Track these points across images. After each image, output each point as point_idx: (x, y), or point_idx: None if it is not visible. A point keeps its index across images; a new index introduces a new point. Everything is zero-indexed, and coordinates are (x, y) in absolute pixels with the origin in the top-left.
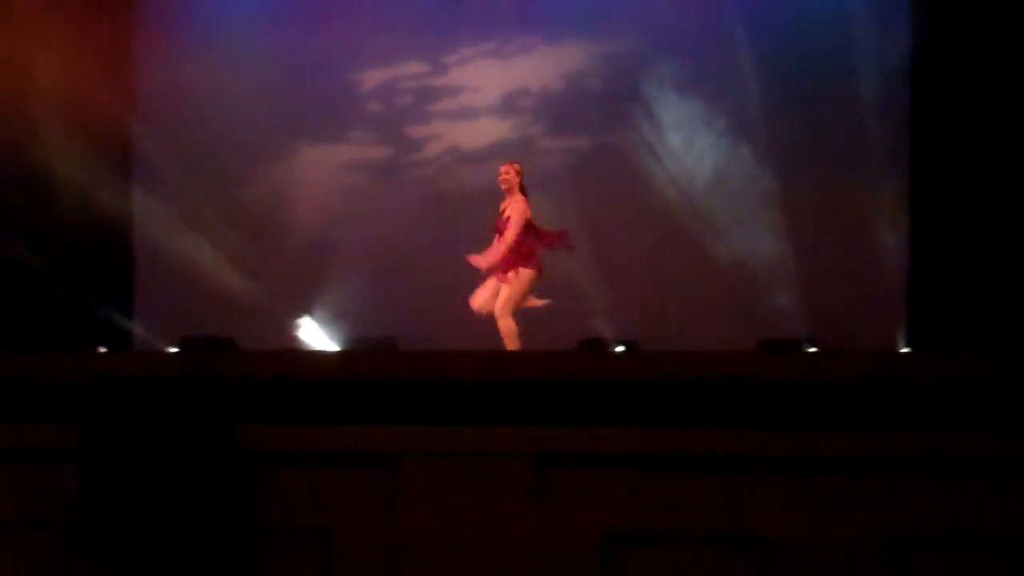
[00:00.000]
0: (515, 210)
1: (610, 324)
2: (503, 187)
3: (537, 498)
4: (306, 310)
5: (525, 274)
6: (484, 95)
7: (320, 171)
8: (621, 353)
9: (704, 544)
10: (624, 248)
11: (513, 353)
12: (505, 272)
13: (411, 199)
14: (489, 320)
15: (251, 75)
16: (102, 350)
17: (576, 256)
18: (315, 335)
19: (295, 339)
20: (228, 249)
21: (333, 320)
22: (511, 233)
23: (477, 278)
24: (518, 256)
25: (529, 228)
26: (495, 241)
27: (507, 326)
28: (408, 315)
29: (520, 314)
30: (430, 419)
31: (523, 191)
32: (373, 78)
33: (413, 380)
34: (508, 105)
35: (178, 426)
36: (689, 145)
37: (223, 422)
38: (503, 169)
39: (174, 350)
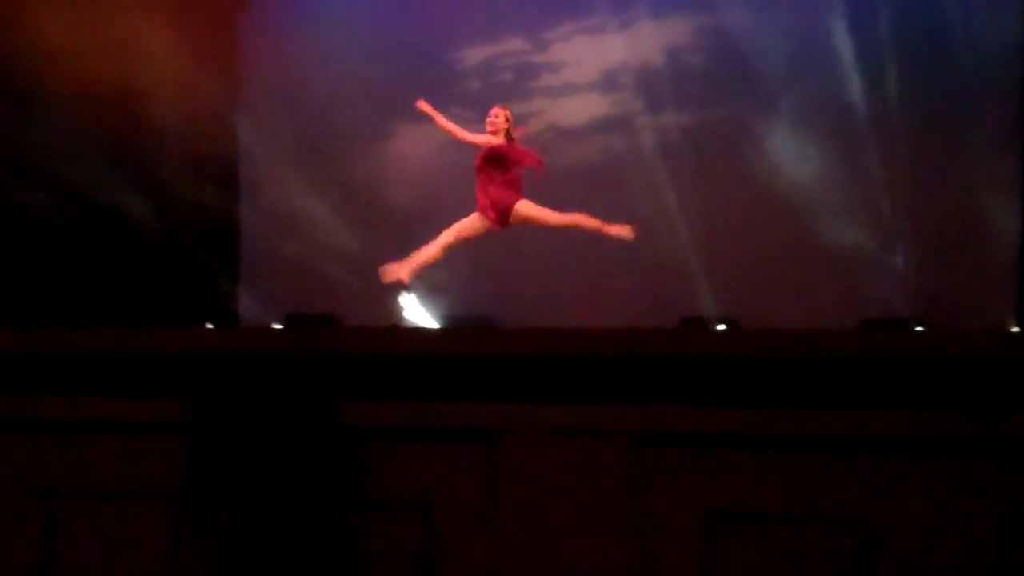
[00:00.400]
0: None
1: (712, 302)
2: (489, 129)
3: (636, 477)
4: (407, 288)
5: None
6: (585, 71)
7: (421, 150)
8: (723, 331)
9: (808, 525)
10: (726, 226)
11: (613, 331)
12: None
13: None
14: (584, 297)
15: (353, 55)
16: (209, 327)
17: (677, 233)
18: (416, 313)
19: (396, 317)
20: (331, 227)
21: (433, 298)
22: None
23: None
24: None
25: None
26: (481, 182)
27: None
28: (506, 293)
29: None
30: (528, 397)
31: (509, 139)
32: (474, 56)
33: (512, 358)
34: (609, 81)
35: (283, 401)
36: (794, 122)
37: (327, 398)
38: (494, 112)
39: (279, 327)
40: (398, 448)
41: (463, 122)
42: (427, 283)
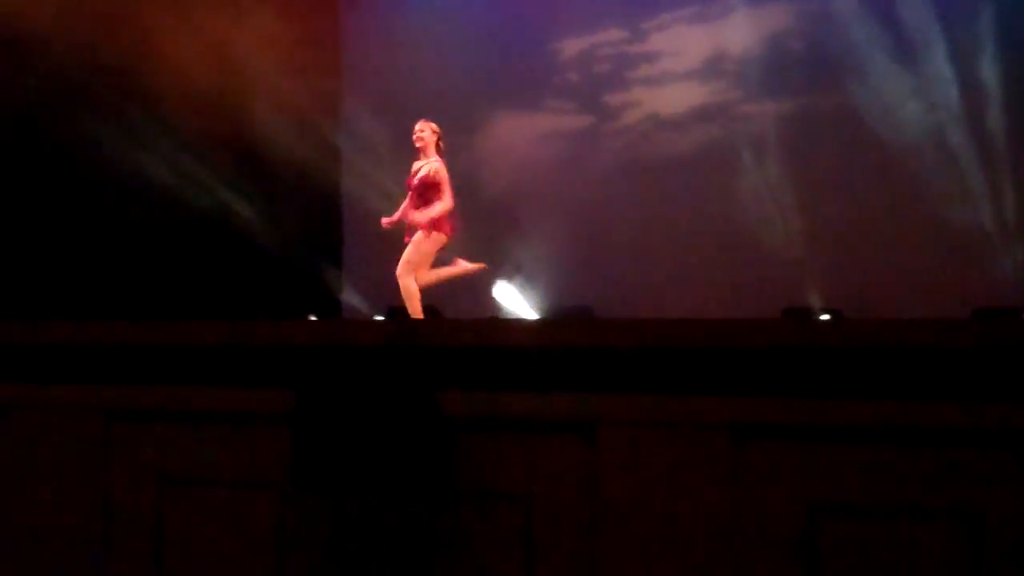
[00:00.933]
0: (438, 173)
1: (815, 292)
2: (417, 144)
3: (737, 470)
4: (507, 279)
5: (436, 238)
6: (684, 60)
7: (520, 141)
8: (826, 322)
9: (913, 519)
10: (829, 214)
11: (715, 322)
12: (417, 232)
13: (610, 167)
14: (685, 287)
15: (454, 47)
16: (313, 318)
17: (778, 222)
18: (515, 304)
19: (496, 308)
20: None
21: (533, 289)
22: (448, 195)
23: (667, 245)
24: (433, 220)
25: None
26: (408, 200)
27: (407, 286)
28: (606, 283)
29: (708, 282)
30: (629, 387)
31: (439, 152)
32: (572, 47)
33: (612, 348)
34: (708, 69)
35: (384, 391)
36: (899, 107)
37: (428, 388)
38: (418, 127)
39: (381, 318)
40: (498, 439)
41: (561, 114)
42: (528, 274)
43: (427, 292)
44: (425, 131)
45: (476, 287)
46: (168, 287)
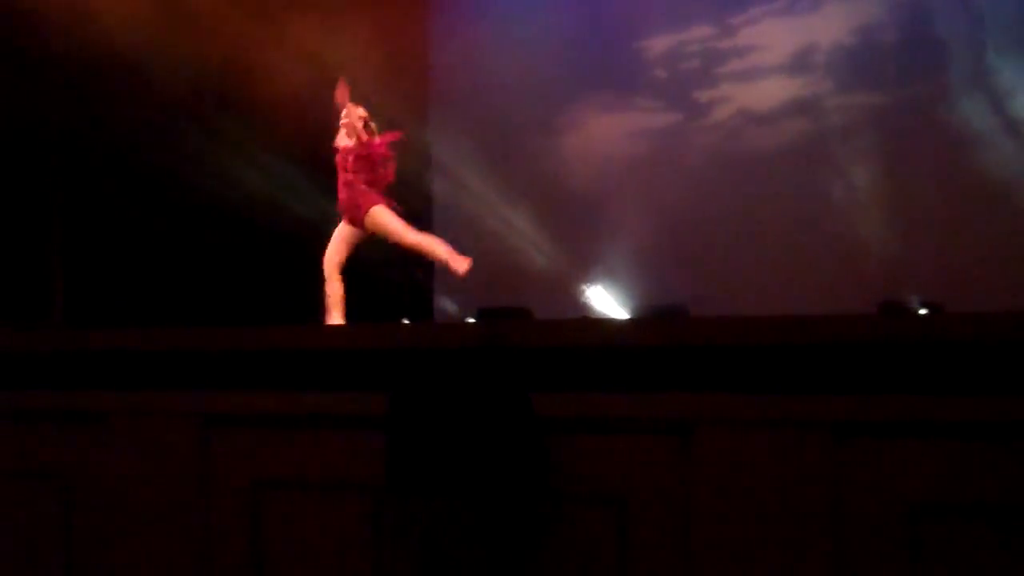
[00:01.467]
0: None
1: (913, 286)
2: (344, 130)
3: (836, 469)
4: (597, 278)
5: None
6: (773, 54)
7: (608, 140)
8: (925, 316)
9: (1019, 518)
10: (926, 207)
11: (810, 318)
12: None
13: (701, 164)
14: (779, 284)
15: (540, 48)
16: (405, 321)
17: (873, 216)
18: (607, 303)
19: (587, 307)
20: (521, 221)
21: (624, 288)
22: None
23: (762, 241)
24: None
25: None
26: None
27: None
28: (699, 281)
29: (803, 278)
30: (724, 387)
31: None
32: (659, 44)
33: (707, 347)
34: (798, 63)
35: (477, 394)
36: (997, 96)
37: (520, 390)
38: (345, 111)
39: (472, 320)
40: (592, 440)
41: (650, 112)
42: (620, 272)
43: (514, 291)
44: (352, 115)
45: (567, 287)
46: (266, 293)
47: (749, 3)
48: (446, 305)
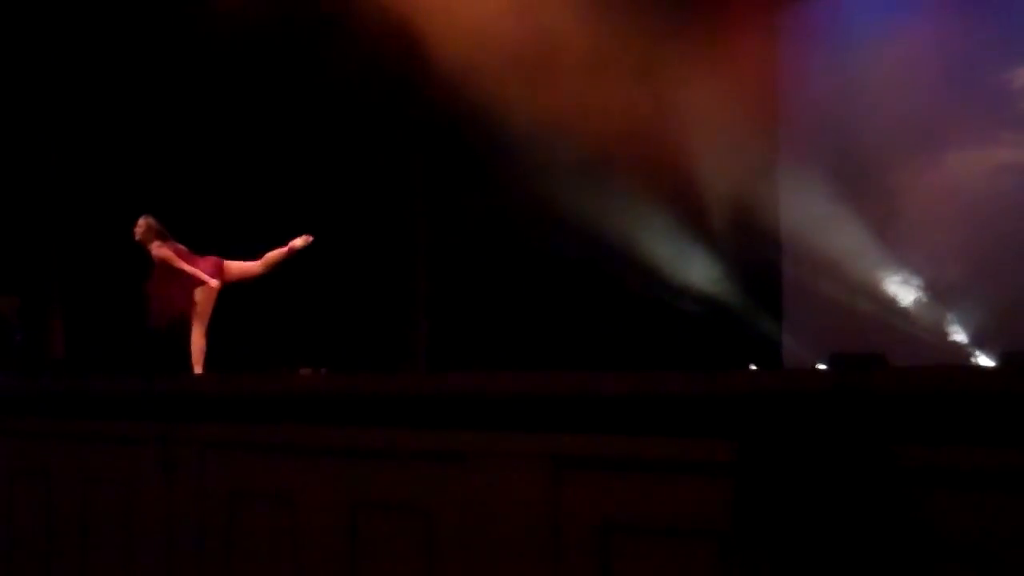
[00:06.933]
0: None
1: None
2: (137, 237)
3: None
4: (959, 322)
5: (208, 290)
6: None
7: (970, 177)
8: None
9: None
10: None
11: None
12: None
13: None
14: None
15: (892, 80)
16: (753, 367)
17: None
18: (970, 348)
19: (949, 353)
20: (874, 261)
21: (989, 333)
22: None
23: None
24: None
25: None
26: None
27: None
28: None
29: None
30: None
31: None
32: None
33: None
34: None
35: (831, 442)
36: None
37: (879, 439)
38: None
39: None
40: (954, 494)
41: (1015, 147)
42: (981, 317)
43: (867, 339)
44: (140, 226)
45: (919, 332)
46: (615, 338)
47: None
48: (795, 349)
